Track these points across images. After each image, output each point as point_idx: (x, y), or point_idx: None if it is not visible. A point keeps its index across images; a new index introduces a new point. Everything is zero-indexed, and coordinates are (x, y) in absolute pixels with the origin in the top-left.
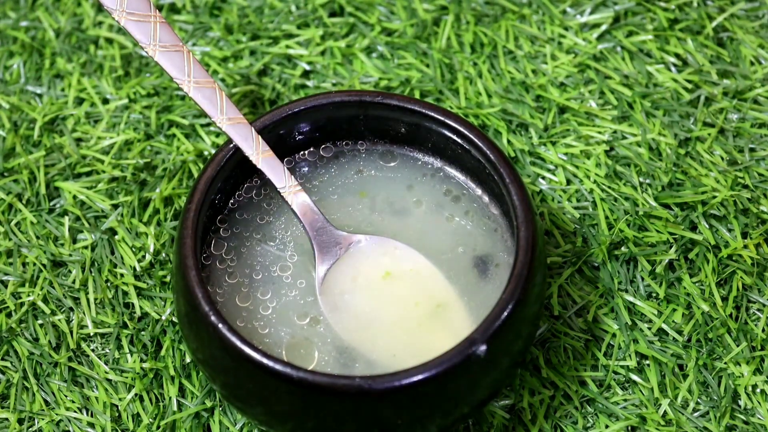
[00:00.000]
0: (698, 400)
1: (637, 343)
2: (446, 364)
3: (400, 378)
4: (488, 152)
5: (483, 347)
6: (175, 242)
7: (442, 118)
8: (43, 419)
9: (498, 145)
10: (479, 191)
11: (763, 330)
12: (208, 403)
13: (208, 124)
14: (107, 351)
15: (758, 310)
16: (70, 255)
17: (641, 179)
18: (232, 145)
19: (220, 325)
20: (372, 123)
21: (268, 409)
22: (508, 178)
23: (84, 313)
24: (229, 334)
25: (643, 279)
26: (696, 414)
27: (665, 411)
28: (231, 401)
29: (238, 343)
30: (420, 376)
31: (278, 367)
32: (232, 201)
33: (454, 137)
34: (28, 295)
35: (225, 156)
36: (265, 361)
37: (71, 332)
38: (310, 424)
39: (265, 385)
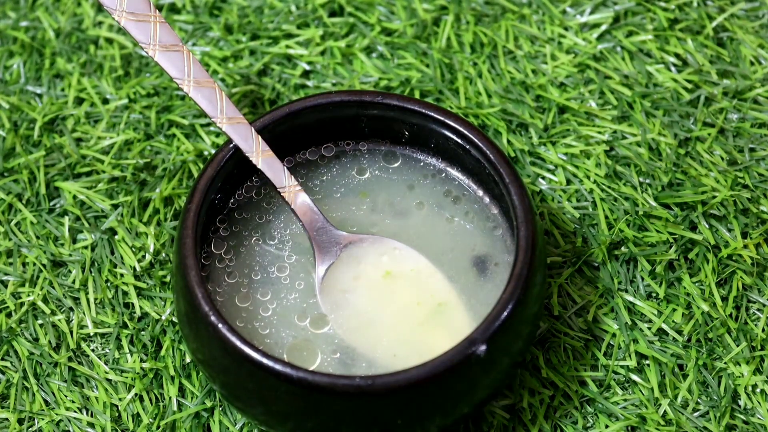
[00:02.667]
0: (698, 400)
1: (637, 343)
2: (446, 364)
3: (400, 378)
4: (488, 152)
5: (483, 347)
6: (175, 242)
7: (441, 118)
8: (43, 419)
9: (498, 145)
10: (480, 192)
11: (763, 330)
12: (208, 403)
13: (208, 124)
14: (107, 351)
15: (758, 310)
16: (70, 255)
17: (641, 179)
18: (232, 145)
19: (220, 325)
20: (373, 123)
21: (267, 409)
22: (508, 178)
23: (84, 313)
24: (229, 334)
25: (643, 279)
26: (696, 414)
27: (665, 411)
28: (231, 401)
29: (238, 343)
30: (420, 376)
31: (278, 367)
32: (231, 200)
33: (454, 137)
34: (28, 295)
35: (225, 156)
36: (265, 361)
37: (71, 332)
38: (310, 424)
39: (265, 385)
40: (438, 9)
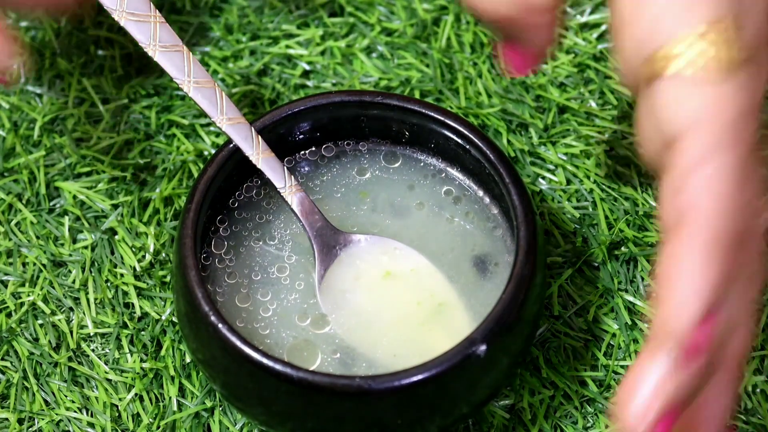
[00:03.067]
0: None
1: (637, 343)
2: (446, 364)
3: (400, 378)
4: (488, 152)
5: (483, 347)
6: (174, 242)
7: (441, 118)
8: (43, 419)
9: (498, 145)
10: (480, 192)
11: (763, 330)
12: (208, 403)
13: (208, 124)
14: (107, 351)
15: (758, 310)
16: (70, 255)
17: (641, 179)
18: (232, 145)
19: (220, 325)
20: (373, 123)
21: (267, 409)
22: (508, 178)
23: (84, 313)
24: (229, 334)
25: (643, 279)
26: None
27: None
28: (231, 401)
29: (238, 343)
30: (420, 376)
31: (278, 367)
32: (231, 200)
33: (454, 137)
34: (28, 295)
35: (225, 156)
36: (265, 361)
37: (71, 332)
38: (310, 424)
39: (265, 385)
40: (438, 9)
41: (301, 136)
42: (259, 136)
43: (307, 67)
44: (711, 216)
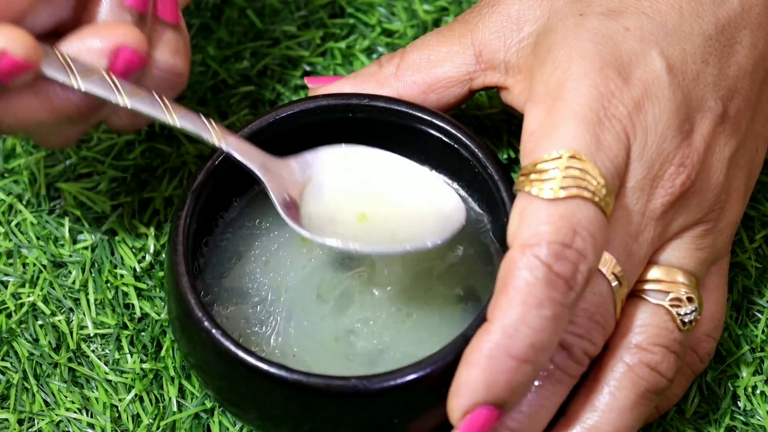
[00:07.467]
0: (698, 401)
1: None
2: (441, 362)
3: (395, 377)
4: (476, 150)
5: None
6: (167, 249)
7: (429, 118)
8: (43, 420)
9: (487, 143)
10: (469, 194)
11: (763, 331)
12: (208, 404)
13: None
14: (107, 352)
15: (758, 311)
16: (71, 256)
17: None
18: (225, 145)
19: (213, 331)
20: (361, 126)
21: (263, 412)
22: (497, 176)
23: (84, 313)
24: (222, 339)
25: None
26: (695, 416)
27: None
28: (225, 406)
29: (232, 347)
30: (415, 375)
31: (273, 369)
32: (226, 206)
33: (442, 137)
34: (28, 296)
35: (215, 162)
36: (259, 364)
37: (71, 333)
38: (306, 426)
39: (259, 388)
40: (438, 10)
41: (290, 142)
42: (164, 98)
43: (308, 68)
44: (501, 330)
